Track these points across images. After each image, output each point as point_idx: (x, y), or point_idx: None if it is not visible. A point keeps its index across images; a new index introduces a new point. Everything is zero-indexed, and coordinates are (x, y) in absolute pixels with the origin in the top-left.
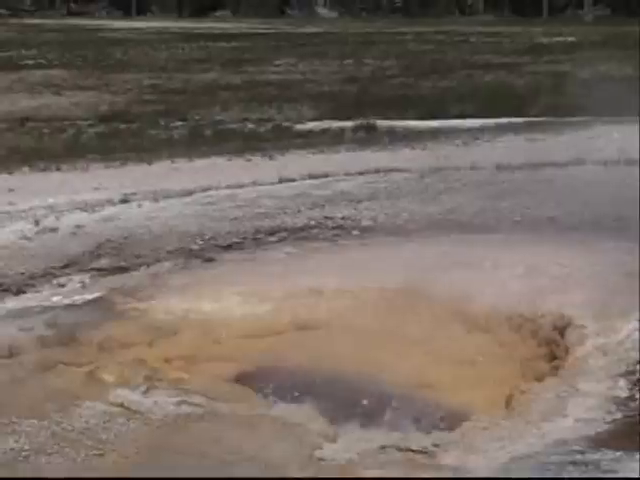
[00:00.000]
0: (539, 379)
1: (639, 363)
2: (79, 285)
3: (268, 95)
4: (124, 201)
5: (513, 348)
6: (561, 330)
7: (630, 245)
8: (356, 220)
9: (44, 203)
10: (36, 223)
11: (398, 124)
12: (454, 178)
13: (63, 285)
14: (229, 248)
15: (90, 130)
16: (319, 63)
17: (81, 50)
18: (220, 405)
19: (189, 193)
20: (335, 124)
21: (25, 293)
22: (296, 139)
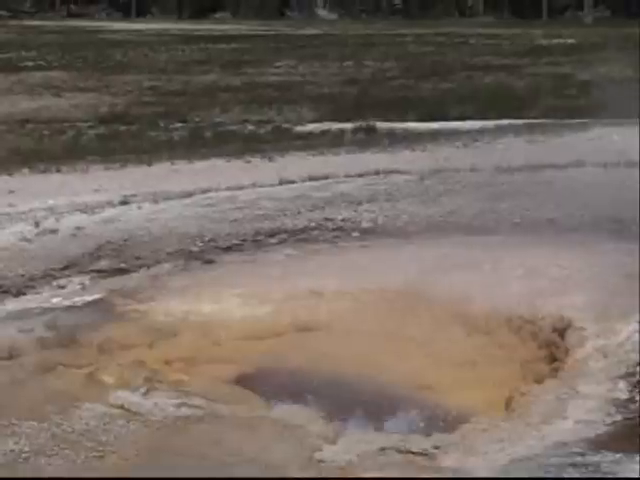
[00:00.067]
0: (539, 381)
1: (639, 365)
2: (79, 287)
3: (268, 97)
4: (124, 203)
5: (513, 350)
6: (561, 332)
7: (630, 247)
8: (356, 222)
9: (44, 205)
10: (36, 225)
11: (398, 126)
12: (454, 180)
13: (63, 287)
14: (229, 250)
15: (90, 132)
16: (319, 65)
17: (81, 52)
18: (220, 407)
19: (189, 195)
20: (335, 126)
21: (25, 295)
22: (296, 141)
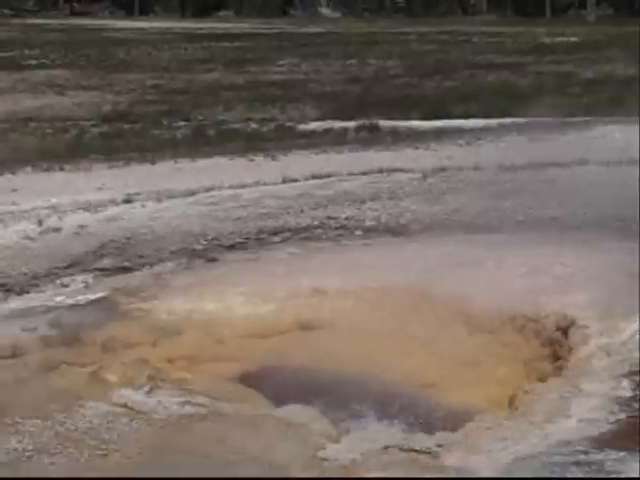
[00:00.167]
0: (542, 379)
1: None
2: (82, 285)
3: (271, 95)
4: (127, 201)
5: (516, 348)
6: (564, 330)
7: (633, 245)
8: (359, 220)
9: (47, 203)
10: (39, 223)
11: (401, 124)
12: (457, 178)
13: (66, 285)
14: (232, 248)
15: (93, 130)
16: (322, 63)
17: (84, 50)
18: (223, 405)
19: (192, 193)
20: (338, 124)
21: (28, 293)
22: (299, 139)
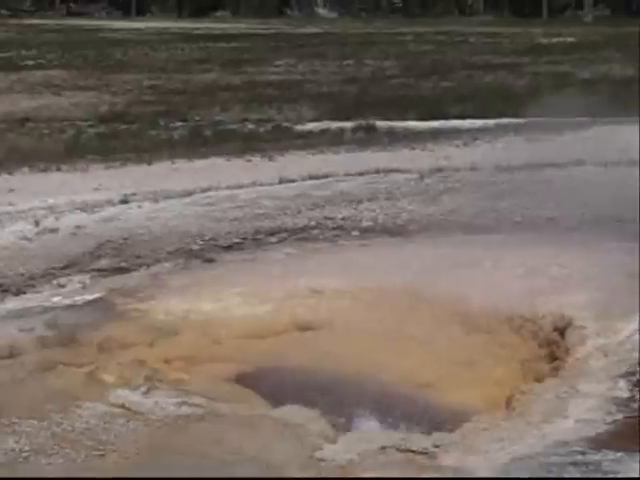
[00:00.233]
0: (539, 380)
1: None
2: (79, 286)
3: (268, 96)
4: (124, 202)
5: (514, 349)
6: (561, 331)
7: (630, 245)
8: (356, 221)
9: (44, 204)
10: (36, 224)
11: (398, 125)
12: (454, 179)
13: (63, 286)
14: (229, 249)
15: (90, 130)
16: (319, 64)
17: (81, 50)
18: (220, 406)
19: (189, 194)
20: (335, 125)
21: (25, 294)
22: (296, 140)
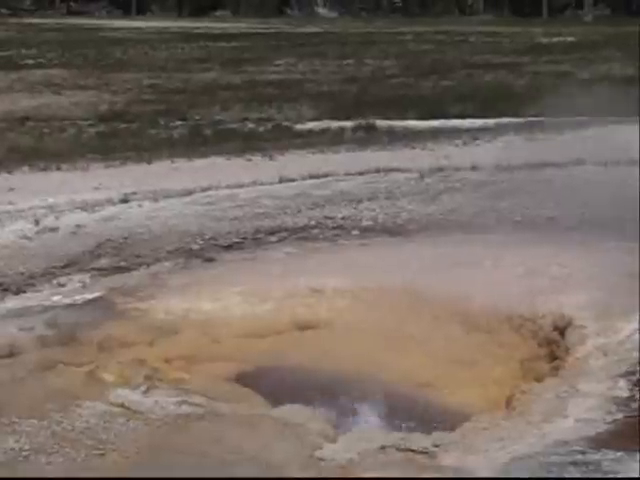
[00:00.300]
0: (539, 379)
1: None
2: (79, 285)
3: (268, 95)
4: (124, 201)
5: (513, 348)
6: (561, 330)
7: (630, 245)
8: (356, 220)
9: (44, 203)
10: (36, 223)
11: (398, 124)
12: (454, 178)
13: (63, 285)
14: (229, 248)
15: (90, 130)
16: (319, 63)
17: (81, 49)
18: (220, 405)
19: (189, 193)
20: (335, 124)
21: (25, 293)
22: (296, 139)
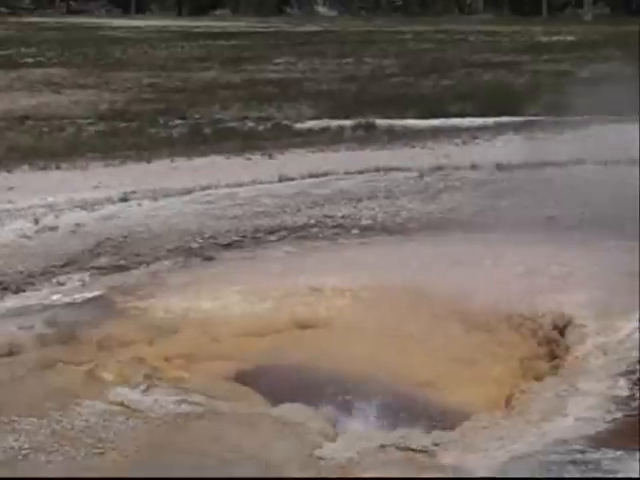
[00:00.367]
0: (539, 378)
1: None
2: (79, 284)
3: (267, 94)
4: (124, 200)
5: (513, 347)
6: (561, 329)
7: (630, 244)
8: (356, 219)
9: (44, 202)
10: (36, 222)
11: (398, 123)
12: (454, 177)
13: (63, 284)
14: (229, 247)
15: (90, 129)
16: (318, 62)
17: (81, 48)
18: (220, 404)
19: (189, 192)
20: (334, 123)
21: (25, 292)
22: (296, 138)
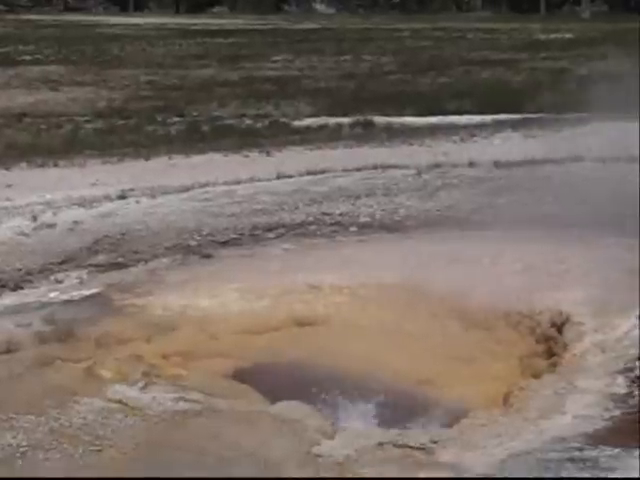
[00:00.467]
0: (537, 376)
1: (638, 360)
2: (77, 281)
3: (265, 91)
4: (122, 197)
5: (511, 345)
6: (559, 327)
7: (629, 242)
8: (354, 216)
9: (42, 199)
10: (33, 219)
11: (396, 120)
12: (452, 174)
13: (61, 281)
14: (227, 244)
15: (87, 126)
16: (316, 59)
17: (78, 46)
18: (218, 401)
19: (187, 189)
20: (332, 120)
21: (22, 289)
22: (293, 135)
